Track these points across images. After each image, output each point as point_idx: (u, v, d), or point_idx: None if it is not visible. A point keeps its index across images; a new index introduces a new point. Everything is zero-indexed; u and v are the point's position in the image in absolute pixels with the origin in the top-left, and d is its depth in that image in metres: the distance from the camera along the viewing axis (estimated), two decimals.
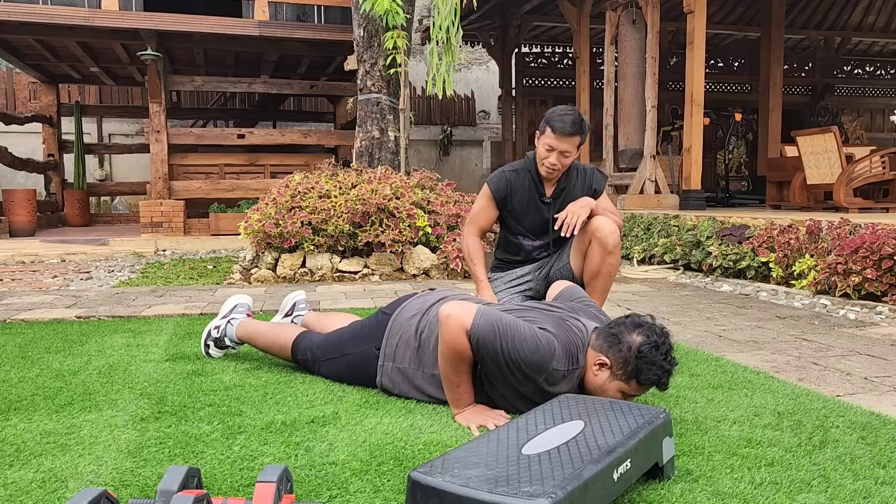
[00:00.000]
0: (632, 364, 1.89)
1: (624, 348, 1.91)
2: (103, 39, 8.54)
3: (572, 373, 1.97)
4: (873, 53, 14.39)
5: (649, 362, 1.87)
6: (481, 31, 11.90)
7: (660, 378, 1.89)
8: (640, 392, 1.96)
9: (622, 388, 1.93)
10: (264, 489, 1.30)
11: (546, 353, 1.90)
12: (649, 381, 1.89)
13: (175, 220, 8.60)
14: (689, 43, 7.13)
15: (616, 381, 1.93)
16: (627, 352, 1.90)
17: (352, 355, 2.33)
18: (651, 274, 5.51)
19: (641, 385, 1.92)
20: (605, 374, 1.95)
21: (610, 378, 1.94)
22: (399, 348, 2.20)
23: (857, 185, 6.63)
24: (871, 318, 3.63)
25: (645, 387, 1.93)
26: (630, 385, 1.92)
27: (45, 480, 1.60)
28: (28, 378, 2.48)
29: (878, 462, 1.69)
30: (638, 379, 1.90)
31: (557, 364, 1.93)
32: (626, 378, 1.91)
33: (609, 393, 1.95)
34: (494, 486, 1.27)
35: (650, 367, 1.87)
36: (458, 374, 1.98)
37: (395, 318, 2.26)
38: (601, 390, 1.96)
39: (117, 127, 13.36)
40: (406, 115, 6.47)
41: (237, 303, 2.81)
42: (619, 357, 1.91)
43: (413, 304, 2.29)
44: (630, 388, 1.93)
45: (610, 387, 1.95)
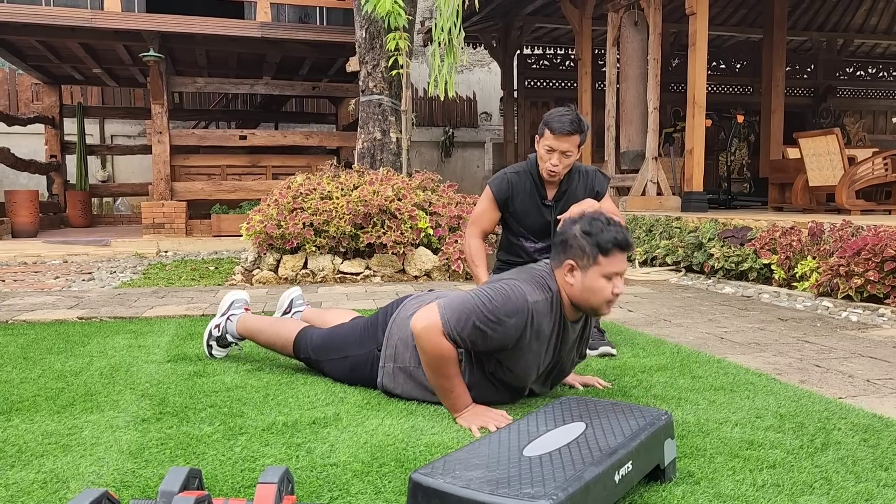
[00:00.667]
0: (588, 245, 1.97)
1: (572, 241, 2.00)
2: (106, 41, 8.55)
3: (551, 300, 2.02)
4: (876, 55, 14.37)
5: (598, 231, 1.96)
6: (483, 32, 11.90)
7: (616, 236, 1.96)
8: (616, 265, 1.98)
9: (600, 271, 1.98)
10: (265, 490, 1.30)
11: (516, 293, 1.96)
12: (611, 244, 1.96)
13: (177, 221, 8.61)
14: (691, 44, 7.12)
15: (590, 271, 1.98)
16: (576, 240, 1.99)
17: (353, 357, 2.34)
18: (653, 276, 5.50)
19: (609, 254, 1.97)
20: (578, 274, 2.00)
21: (583, 274, 1.99)
22: (399, 348, 2.21)
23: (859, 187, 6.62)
24: (874, 320, 3.63)
25: (614, 254, 1.97)
26: (601, 262, 1.97)
27: (47, 481, 1.60)
28: (30, 379, 2.49)
29: (881, 464, 1.68)
30: (601, 251, 1.96)
31: (533, 296, 1.98)
32: (594, 261, 1.97)
33: (594, 286, 1.98)
34: (496, 488, 1.27)
35: (601, 234, 1.96)
36: (449, 380, 2.00)
37: (394, 320, 2.27)
38: (587, 289, 1.99)
39: (119, 128, 13.38)
40: (408, 116, 6.47)
41: (234, 299, 2.82)
42: (576, 250, 1.99)
43: (410, 304, 2.30)
44: (606, 265, 1.97)
45: (590, 281, 1.99)
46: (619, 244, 1.96)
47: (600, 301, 1.99)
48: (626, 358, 2.78)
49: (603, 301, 1.99)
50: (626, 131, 8.18)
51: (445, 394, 2.02)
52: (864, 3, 12.22)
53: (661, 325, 3.52)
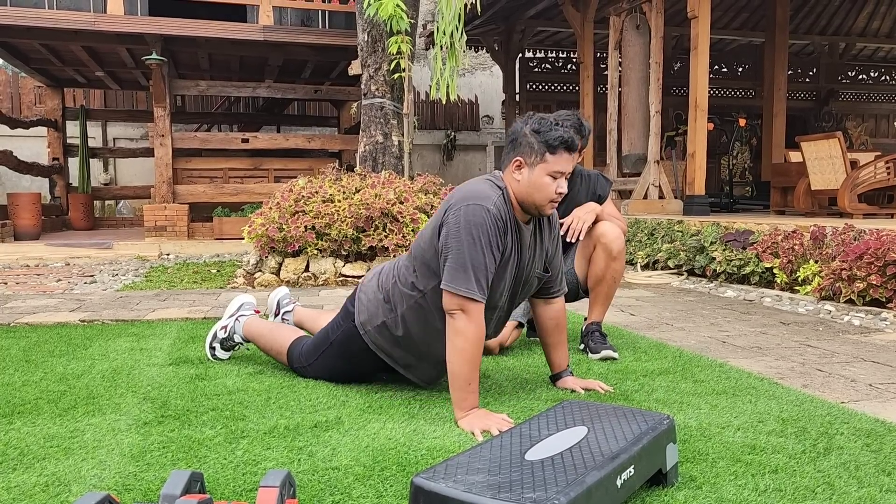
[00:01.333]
0: (536, 142, 2.00)
1: (521, 138, 2.04)
2: (108, 44, 8.57)
3: (502, 196, 2.04)
4: (878, 59, 14.37)
5: (546, 130, 1.99)
6: (485, 35, 11.92)
7: (563, 136, 1.99)
8: (563, 164, 2.02)
9: (545, 169, 2.01)
10: (267, 494, 1.30)
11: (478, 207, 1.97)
12: (557, 142, 1.99)
13: (179, 223, 8.62)
14: (693, 48, 7.13)
15: (536, 168, 2.02)
16: (525, 138, 2.02)
17: (336, 339, 2.37)
18: (655, 279, 5.50)
19: (555, 152, 2.00)
20: (525, 170, 2.04)
21: (530, 170, 2.03)
22: (370, 308, 2.26)
23: (861, 190, 6.62)
24: (876, 324, 3.62)
25: (560, 152, 2.00)
26: (547, 160, 2.00)
27: (49, 484, 1.60)
28: (32, 382, 2.49)
29: (884, 469, 1.68)
30: (549, 148, 1.99)
31: (488, 201, 1.99)
32: (541, 158, 2.00)
33: (540, 183, 2.02)
34: (497, 492, 1.27)
35: (548, 132, 1.98)
36: (475, 369, 2.01)
37: (359, 291, 2.35)
38: (533, 186, 2.03)
39: (122, 131, 13.41)
40: (410, 119, 6.48)
41: (243, 301, 2.83)
42: (524, 148, 2.03)
43: (369, 274, 2.38)
44: (551, 164, 2.00)
45: (536, 176, 2.02)
46: (566, 143, 2.00)
47: (544, 198, 2.04)
48: (627, 362, 2.78)
49: (546, 199, 2.04)
50: (628, 135, 8.18)
51: (463, 385, 2.00)
52: (866, 7, 12.23)
53: (663, 328, 3.51)
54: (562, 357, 2.40)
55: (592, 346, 2.86)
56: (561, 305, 2.41)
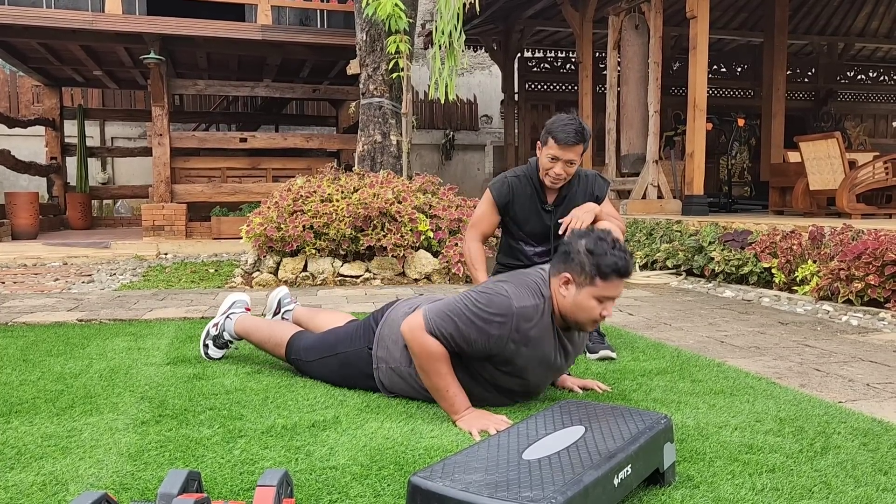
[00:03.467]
0: (588, 264, 1.97)
1: (575, 255, 2.00)
2: (106, 43, 8.56)
3: (541, 307, 2.02)
4: (876, 59, 14.37)
5: (601, 253, 1.96)
6: (484, 35, 11.91)
7: (617, 263, 1.95)
8: (612, 290, 1.99)
9: (592, 292, 1.98)
10: (264, 493, 1.30)
11: (501, 297, 1.98)
12: (610, 270, 1.95)
13: (177, 223, 8.61)
14: (692, 48, 7.13)
15: (584, 289, 1.99)
16: (579, 256, 1.99)
17: (343, 354, 2.35)
18: (653, 279, 5.50)
19: (606, 279, 1.97)
20: (572, 288, 2.01)
21: (577, 290, 2.00)
22: (391, 350, 2.22)
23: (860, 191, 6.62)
24: (874, 324, 3.62)
25: (611, 280, 1.97)
26: (597, 285, 1.97)
27: (46, 483, 1.59)
28: (29, 381, 2.48)
29: (880, 469, 1.68)
30: (600, 274, 1.96)
31: (520, 301, 1.99)
32: (590, 280, 1.97)
33: (585, 305, 1.99)
34: (494, 491, 1.27)
35: (603, 257, 1.95)
36: (441, 378, 2.00)
37: (385, 321, 2.29)
38: (577, 306, 2.00)
39: (120, 130, 13.39)
40: (408, 119, 6.48)
41: (235, 300, 2.83)
42: (575, 265, 1.99)
43: (401, 307, 2.32)
44: (600, 289, 1.98)
45: (582, 299, 1.99)
46: (619, 271, 1.96)
47: (586, 319, 2.02)
48: (625, 361, 2.78)
49: (589, 320, 2.02)
50: (627, 135, 8.18)
51: (441, 394, 2.02)
52: (864, 7, 12.23)
53: (661, 328, 3.52)
54: None
55: (590, 346, 2.86)
56: None
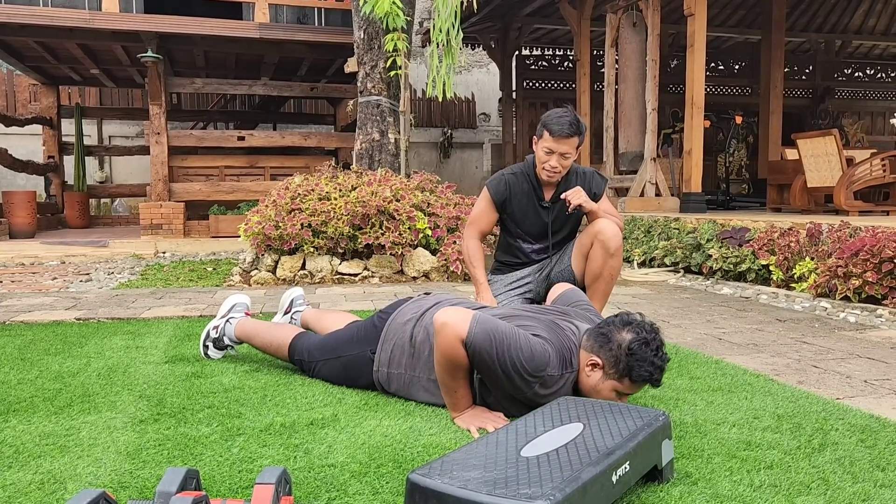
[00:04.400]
0: (623, 362, 1.89)
1: (614, 347, 1.91)
2: (104, 41, 8.54)
3: (566, 376, 1.96)
4: (874, 57, 14.39)
5: (640, 359, 1.87)
6: (482, 33, 11.90)
7: (651, 374, 1.88)
8: (634, 390, 1.95)
9: (616, 387, 1.93)
10: (263, 491, 1.30)
11: (542, 360, 1.90)
12: (641, 379, 1.89)
13: (175, 222, 8.60)
14: (690, 46, 7.13)
15: (609, 380, 1.93)
16: (618, 350, 1.90)
17: (346, 357, 2.34)
18: (651, 277, 5.50)
19: (634, 383, 1.91)
20: (598, 374, 1.94)
21: (603, 378, 1.94)
22: (394, 353, 2.21)
23: (857, 188, 6.63)
24: (872, 321, 3.63)
25: (638, 384, 1.92)
26: (623, 383, 1.92)
27: (44, 482, 1.59)
28: (27, 380, 2.48)
29: (878, 465, 1.69)
30: (630, 377, 1.89)
31: (552, 370, 1.92)
32: (618, 377, 1.91)
33: (603, 393, 1.94)
34: (493, 489, 1.27)
35: (641, 363, 1.87)
36: (454, 380, 1.98)
37: (390, 324, 2.26)
38: (595, 391, 1.95)
39: (117, 129, 13.37)
40: (406, 117, 6.47)
41: (235, 302, 2.82)
42: (611, 356, 1.91)
43: (408, 308, 2.29)
44: (623, 387, 1.93)
45: (603, 387, 1.94)
46: (651, 382, 1.91)
47: (601, 399, 1.96)
48: None
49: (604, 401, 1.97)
50: (625, 132, 8.18)
51: (449, 390, 2.00)
52: (862, 5, 12.24)
53: (660, 325, 3.51)
54: None
55: None
56: None
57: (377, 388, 2.27)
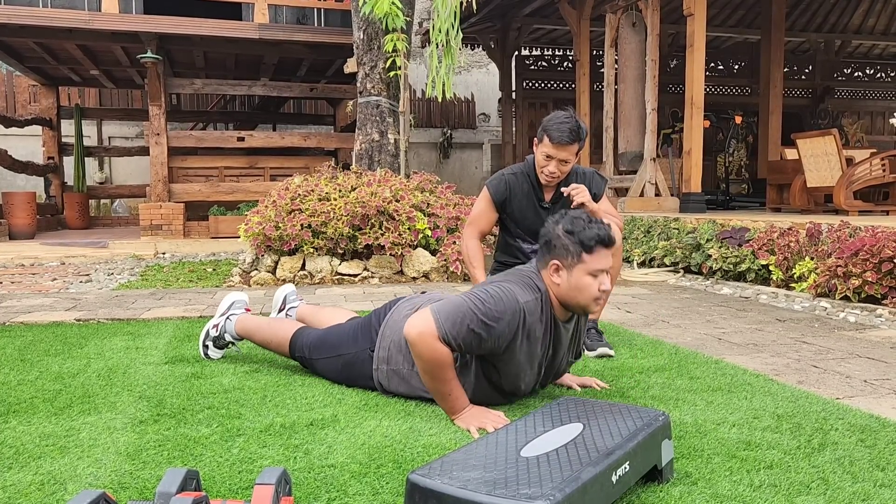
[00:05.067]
0: (571, 243, 1.99)
1: (556, 241, 2.02)
2: (103, 42, 8.54)
3: (539, 298, 2.02)
4: (873, 56, 14.39)
5: (579, 230, 1.98)
6: (481, 33, 11.90)
7: (598, 234, 1.98)
8: (600, 262, 2.00)
9: (584, 269, 1.99)
10: (263, 491, 1.30)
11: (507, 295, 1.97)
12: (593, 241, 1.98)
13: (175, 222, 8.60)
14: (689, 45, 7.13)
15: (575, 269, 2.00)
16: (559, 239, 2.01)
17: (347, 356, 2.35)
18: (651, 277, 5.50)
19: (592, 252, 1.98)
20: (564, 273, 2.02)
21: (569, 272, 2.01)
22: (392, 351, 2.22)
23: (857, 187, 6.63)
24: (871, 320, 3.63)
25: (597, 251, 1.99)
26: (585, 260, 1.99)
27: (44, 483, 1.59)
28: (27, 380, 2.48)
29: (877, 464, 1.69)
30: (585, 248, 1.98)
31: (523, 297, 1.99)
32: (577, 259, 1.99)
33: (580, 283, 1.99)
34: (493, 489, 1.27)
35: (583, 232, 1.98)
36: (445, 384, 1.99)
37: (387, 322, 2.28)
38: (573, 288, 2.01)
39: (117, 130, 13.36)
40: (406, 117, 6.47)
41: (234, 300, 2.82)
42: (560, 250, 2.01)
43: (403, 306, 2.30)
44: (588, 263, 1.99)
45: (576, 278, 2.00)
46: (602, 241, 1.98)
47: (588, 299, 2.01)
48: (623, 359, 2.78)
49: (591, 298, 2.01)
50: (625, 132, 8.18)
51: (443, 397, 2.01)
52: (861, 5, 12.24)
53: (659, 325, 3.52)
54: None
55: (589, 344, 2.86)
56: None
57: (377, 387, 2.28)
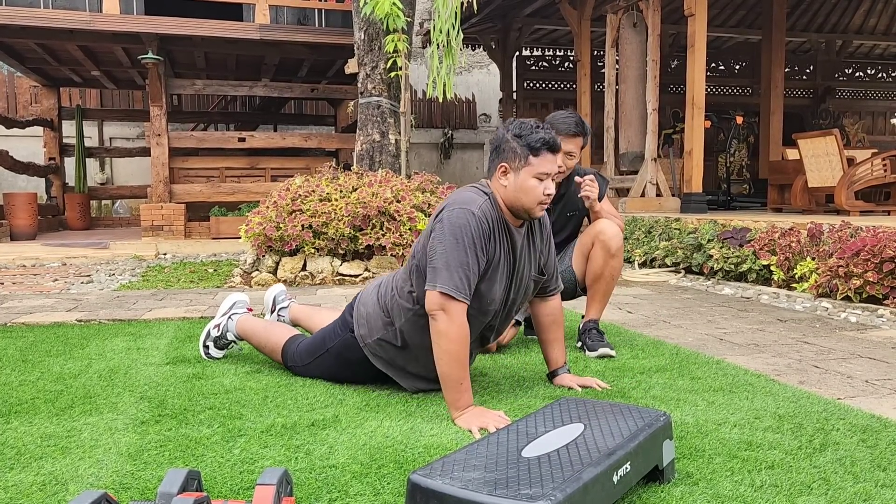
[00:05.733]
0: (518, 146, 2.04)
1: (504, 144, 2.09)
2: (104, 43, 8.55)
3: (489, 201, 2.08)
4: (874, 56, 14.39)
5: (527, 133, 2.03)
6: (482, 34, 11.91)
7: (544, 137, 2.03)
8: (546, 166, 2.05)
9: (530, 172, 2.04)
10: (264, 492, 1.30)
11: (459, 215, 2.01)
12: (540, 144, 2.03)
13: (176, 223, 8.61)
14: (690, 46, 7.13)
15: (522, 171, 2.05)
16: (508, 143, 2.07)
17: (333, 348, 2.37)
18: (652, 277, 5.50)
19: (538, 154, 2.03)
20: (511, 175, 2.07)
21: (516, 175, 2.06)
22: (370, 321, 2.26)
23: (858, 188, 6.63)
24: (873, 321, 3.63)
25: (543, 154, 2.04)
26: (532, 163, 2.04)
27: (46, 483, 1.60)
28: (29, 381, 2.48)
29: (879, 465, 1.69)
30: (532, 150, 2.03)
31: (473, 204, 2.03)
32: (524, 161, 2.04)
33: (527, 186, 2.04)
34: (494, 489, 1.27)
35: (529, 135, 2.02)
36: (464, 368, 2.00)
37: (358, 303, 2.33)
38: (520, 190, 2.06)
39: (118, 130, 13.38)
40: (407, 118, 6.47)
41: (236, 300, 2.83)
42: (508, 153, 2.07)
43: (368, 286, 2.38)
44: (535, 166, 2.04)
45: (522, 180, 2.05)
46: (548, 144, 2.04)
47: (532, 201, 2.06)
48: (625, 359, 2.78)
49: (534, 201, 2.06)
50: (626, 133, 8.18)
51: (454, 385, 1.99)
52: (862, 5, 12.24)
53: (661, 326, 3.52)
54: (559, 354, 2.41)
55: (590, 344, 2.86)
56: (557, 302, 2.42)
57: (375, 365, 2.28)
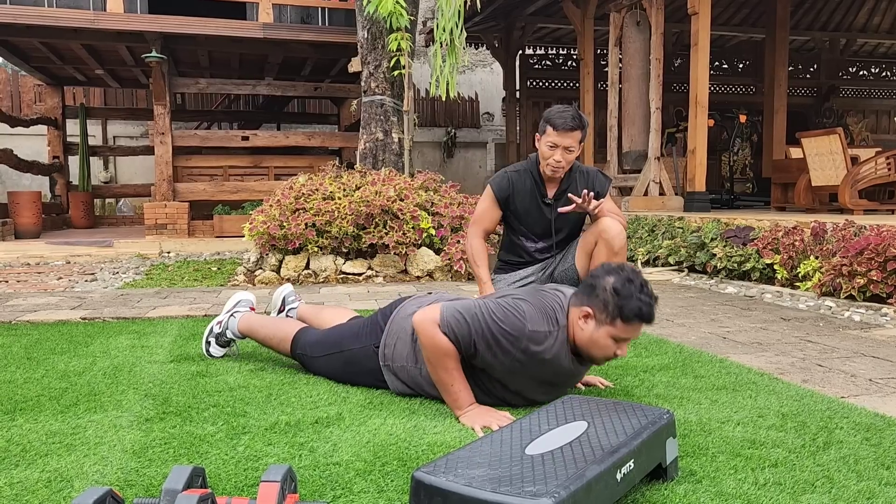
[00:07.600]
0: (612, 303, 1.95)
1: (600, 291, 1.97)
2: (108, 42, 8.57)
3: (554, 333, 2.00)
4: (879, 55, 14.34)
5: (626, 296, 1.93)
6: (485, 32, 11.90)
7: (641, 309, 1.93)
8: (630, 333, 1.97)
9: (611, 332, 1.97)
10: (268, 489, 1.30)
11: (516, 314, 1.97)
12: (633, 314, 1.93)
13: (179, 222, 8.62)
14: (694, 44, 7.12)
15: (603, 326, 1.97)
16: (604, 293, 1.96)
17: (349, 351, 2.35)
18: (655, 276, 5.50)
19: (627, 322, 1.94)
20: (591, 323, 1.99)
21: (596, 326, 1.98)
22: (398, 348, 2.22)
23: (862, 186, 6.61)
24: (876, 319, 3.62)
25: (631, 324, 1.95)
26: (617, 326, 1.95)
27: (51, 480, 1.60)
28: (33, 379, 2.49)
29: (883, 463, 1.69)
30: (622, 316, 1.94)
31: (533, 325, 1.97)
32: (610, 320, 1.95)
33: (601, 342, 1.98)
34: (498, 486, 1.28)
35: (628, 300, 1.92)
36: (448, 374, 2.00)
37: (393, 319, 2.28)
38: (593, 342, 1.99)
39: (122, 129, 13.40)
40: (410, 116, 6.48)
41: (240, 299, 2.83)
42: (599, 301, 1.97)
43: (409, 305, 2.31)
44: (618, 330, 1.96)
45: (599, 335, 1.98)
46: (642, 317, 1.94)
47: (600, 356, 2.01)
48: (628, 357, 2.78)
49: (602, 357, 2.02)
50: (629, 131, 8.18)
51: (445, 388, 2.02)
52: (866, 3, 12.20)
53: (664, 324, 3.52)
54: None
55: None
56: None
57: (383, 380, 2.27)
